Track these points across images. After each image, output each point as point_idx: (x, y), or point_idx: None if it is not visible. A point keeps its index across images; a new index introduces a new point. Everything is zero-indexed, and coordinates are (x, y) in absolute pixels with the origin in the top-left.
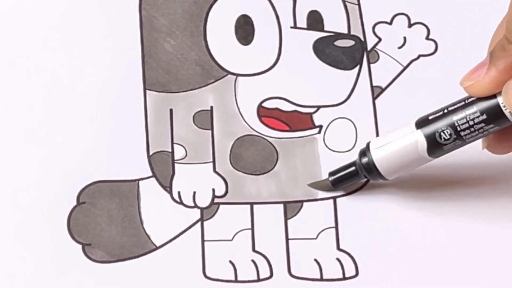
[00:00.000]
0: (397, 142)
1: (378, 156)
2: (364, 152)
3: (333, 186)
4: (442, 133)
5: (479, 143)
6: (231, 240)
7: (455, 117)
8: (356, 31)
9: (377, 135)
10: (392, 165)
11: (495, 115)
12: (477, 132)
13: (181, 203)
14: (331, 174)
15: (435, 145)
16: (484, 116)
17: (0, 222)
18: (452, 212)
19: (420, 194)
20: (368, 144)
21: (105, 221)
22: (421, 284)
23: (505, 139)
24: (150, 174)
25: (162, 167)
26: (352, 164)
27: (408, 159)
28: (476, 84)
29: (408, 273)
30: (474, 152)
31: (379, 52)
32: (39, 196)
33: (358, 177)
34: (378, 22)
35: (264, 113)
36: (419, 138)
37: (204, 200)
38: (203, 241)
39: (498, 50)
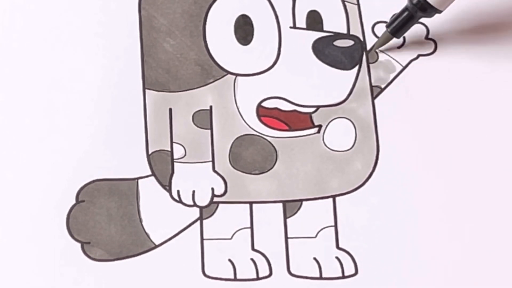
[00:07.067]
0: None
1: None
2: None
3: (393, 35)
4: None
5: None
6: (230, 239)
7: None
8: (355, 31)
9: (376, 135)
10: None
11: None
12: None
13: (180, 202)
14: (388, 26)
15: None
16: None
17: None
18: (449, 212)
19: (420, 192)
20: None
21: (104, 219)
22: (420, 283)
23: None
24: (150, 173)
25: (162, 166)
26: (404, 9)
27: None
28: None
29: (407, 272)
30: None
31: (379, 52)
32: (39, 195)
33: (414, 18)
34: (378, 22)
35: (264, 113)
36: None
37: (203, 199)
38: (202, 239)
39: None
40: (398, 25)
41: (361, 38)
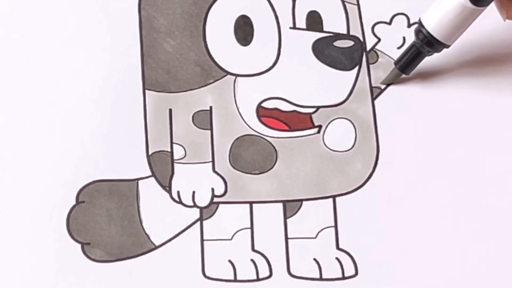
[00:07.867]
0: (443, 7)
1: (432, 26)
2: (419, 29)
3: (402, 71)
4: None
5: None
6: (231, 239)
7: None
8: (355, 31)
9: (376, 135)
10: (447, 29)
11: None
12: None
13: (180, 202)
14: (396, 62)
15: None
16: None
17: None
18: (449, 213)
19: (420, 193)
20: (420, 21)
21: (104, 220)
22: (420, 284)
23: None
24: (150, 173)
25: (162, 167)
26: (412, 45)
27: (459, 17)
28: None
29: (407, 273)
30: None
31: (379, 52)
32: (39, 195)
33: (422, 55)
34: (378, 22)
35: (264, 113)
36: None
37: (203, 200)
38: (202, 240)
39: None
40: (407, 62)
41: (361, 39)
